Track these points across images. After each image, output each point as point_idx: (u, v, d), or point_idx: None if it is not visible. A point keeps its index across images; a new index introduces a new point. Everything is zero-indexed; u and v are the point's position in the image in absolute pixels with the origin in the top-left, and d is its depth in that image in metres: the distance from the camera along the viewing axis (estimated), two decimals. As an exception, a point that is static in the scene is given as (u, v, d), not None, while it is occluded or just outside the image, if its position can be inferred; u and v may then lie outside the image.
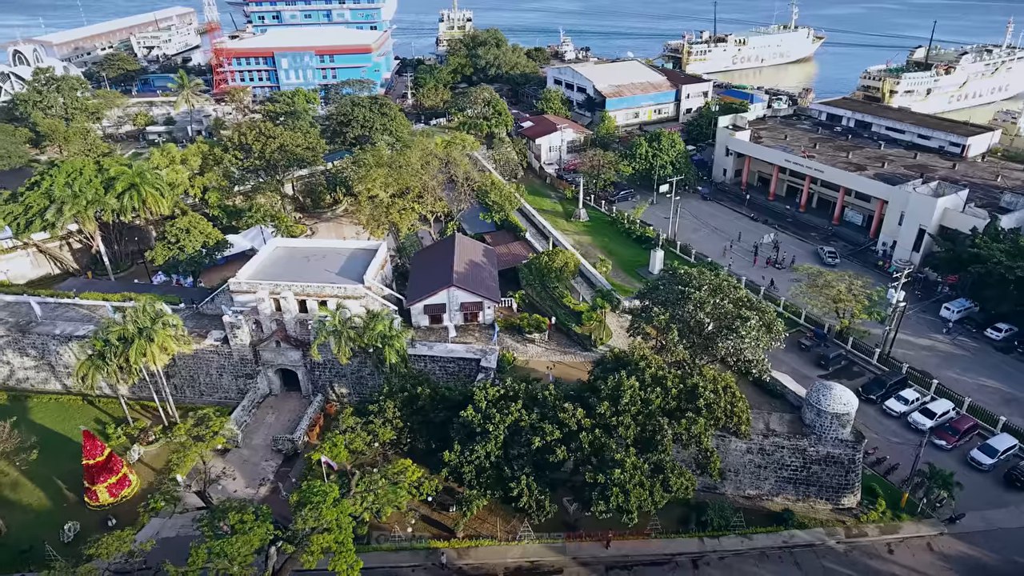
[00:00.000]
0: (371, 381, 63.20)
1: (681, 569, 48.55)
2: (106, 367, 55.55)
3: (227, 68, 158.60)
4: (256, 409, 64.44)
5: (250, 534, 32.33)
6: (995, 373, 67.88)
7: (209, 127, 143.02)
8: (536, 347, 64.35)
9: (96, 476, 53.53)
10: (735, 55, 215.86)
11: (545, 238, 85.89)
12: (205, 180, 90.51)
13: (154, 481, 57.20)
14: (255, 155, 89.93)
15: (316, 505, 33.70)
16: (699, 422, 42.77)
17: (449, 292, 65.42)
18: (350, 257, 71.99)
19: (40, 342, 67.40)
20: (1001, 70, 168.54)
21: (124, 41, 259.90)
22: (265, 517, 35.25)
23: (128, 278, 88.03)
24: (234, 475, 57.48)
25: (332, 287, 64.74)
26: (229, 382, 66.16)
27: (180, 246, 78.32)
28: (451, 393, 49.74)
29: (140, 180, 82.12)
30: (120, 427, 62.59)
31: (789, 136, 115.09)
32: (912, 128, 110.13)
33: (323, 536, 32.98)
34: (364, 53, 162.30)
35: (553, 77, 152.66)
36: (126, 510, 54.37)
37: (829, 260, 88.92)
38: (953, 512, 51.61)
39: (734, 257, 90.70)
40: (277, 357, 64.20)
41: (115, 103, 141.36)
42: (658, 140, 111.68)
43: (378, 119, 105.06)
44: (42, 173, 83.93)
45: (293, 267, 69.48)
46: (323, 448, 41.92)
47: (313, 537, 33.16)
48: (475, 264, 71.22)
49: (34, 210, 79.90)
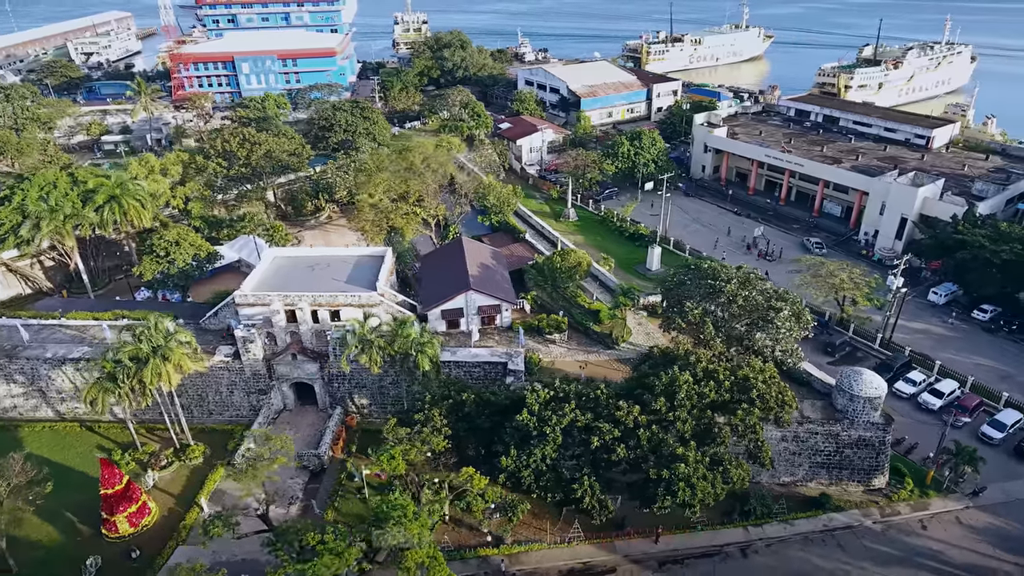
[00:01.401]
0: (392, 391, 61.71)
1: (732, 559, 49.08)
2: (117, 390, 52.42)
3: (184, 73, 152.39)
4: (271, 425, 61.89)
5: (342, 555, 30.82)
6: (987, 352, 71.28)
7: (169, 135, 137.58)
8: (558, 347, 64.08)
9: (115, 506, 50.42)
10: (691, 54, 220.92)
11: (545, 239, 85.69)
12: (187, 190, 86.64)
13: (174, 507, 54.35)
14: (240, 162, 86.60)
15: (399, 520, 32.46)
16: (754, 413, 43.33)
17: (467, 296, 64.50)
18: (356, 265, 70.20)
19: (29, 367, 63.16)
20: (943, 65, 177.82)
21: (60, 47, 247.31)
22: (343, 536, 33.74)
23: (108, 295, 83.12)
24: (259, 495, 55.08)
25: (345, 296, 62.97)
26: (241, 399, 63.45)
27: (170, 259, 74.68)
28: (496, 397, 48.92)
29: (121, 191, 77.91)
30: (127, 452, 59.17)
31: (763, 132, 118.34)
32: (879, 122, 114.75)
33: (417, 552, 31.80)
34: (328, 57, 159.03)
35: (524, 78, 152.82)
36: (146, 540, 51.48)
37: (816, 250, 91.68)
38: (975, 486, 53.89)
39: (726, 251, 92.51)
40: (293, 370, 61.92)
41: (66, 112, 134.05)
42: (639, 139, 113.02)
43: (361, 123, 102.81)
44: (11, 187, 78.78)
45: (298, 277, 67.34)
46: (381, 461, 40.50)
47: (408, 553, 31.92)
48: (487, 267, 70.49)
49: (6, 226, 74.82)
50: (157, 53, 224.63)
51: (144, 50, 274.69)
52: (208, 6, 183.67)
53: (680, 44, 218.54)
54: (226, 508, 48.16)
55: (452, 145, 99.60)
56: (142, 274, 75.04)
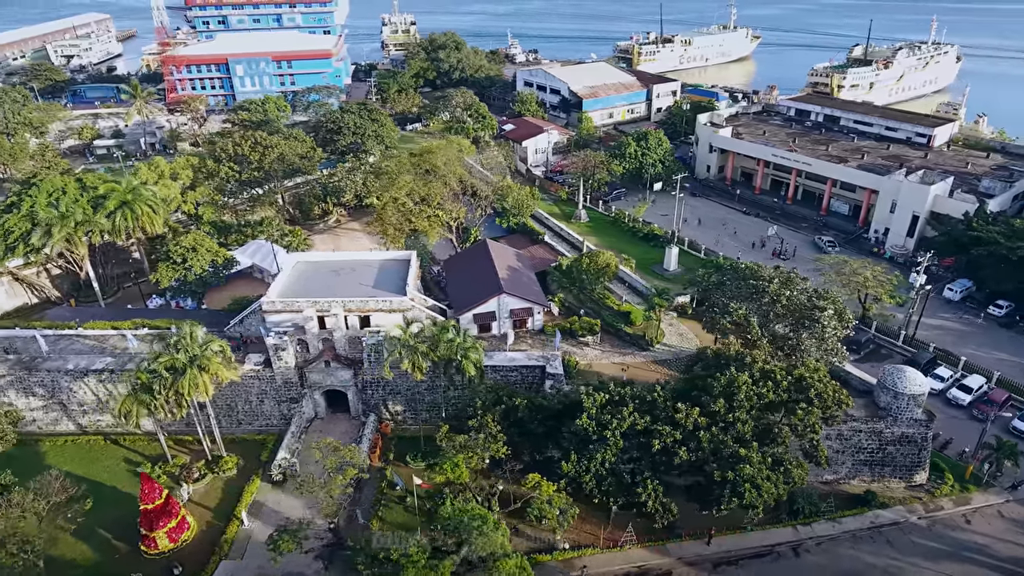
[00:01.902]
0: (428, 397, 60.85)
1: (784, 559, 49.09)
2: (153, 401, 50.93)
3: (177, 76, 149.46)
4: (304, 434, 60.71)
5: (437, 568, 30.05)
6: (1007, 347, 72.43)
7: (163, 139, 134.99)
8: (592, 350, 63.75)
9: (155, 521, 48.89)
10: (682, 55, 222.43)
11: (564, 240, 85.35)
12: (197, 195, 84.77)
13: (211, 521, 52.96)
14: (252, 166, 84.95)
15: (480, 530, 31.80)
16: (814, 412, 43.38)
17: (500, 300, 63.92)
18: (381, 269, 69.24)
19: (50, 379, 61.16)
20: (931, 64, 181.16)
21: (38, 50, 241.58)
22: (423, 549, 32.95)
23: (119, 304, 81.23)
24: (297, 506, 53.93)
25: (376, 301, 62.03)
26: (271, 408, 62.09)
27: (187, 266, 72.97)
28: (548, 402, 48.39)
29: (132, 197, 76.02)
30: (157, 466, 57.49)
31: (767, 132, 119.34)
32: (880, 121, 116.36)
33: (507, 562, 31.17)
34: (324, 58, 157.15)
35: (523, 79, 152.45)
36: (185, 556, 50.06)
37: (828, 248, 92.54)
38: (1014, 479, 54.62)
39: (741, 250, 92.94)
40: (326, 378, 60.75)
41: (56, 116, 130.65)
42: (645, 139, 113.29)
43: (369, 126, 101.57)
44: (18, 194, 76.55)
45: (324, 282, 66.20)
46: (445, 469, 39.75)
47: (499, 564, 31.28)
48: (515, 269, 69.95)
49: (16, 234, 72.65)
50: (141, 56, 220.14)
51: (125, 52, 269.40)
52: (198, 7, 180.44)
53: (671, 45, 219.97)
54: (291, 522, 47.11)
55: (463, 147, 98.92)
56: (158, 281, 73.22)
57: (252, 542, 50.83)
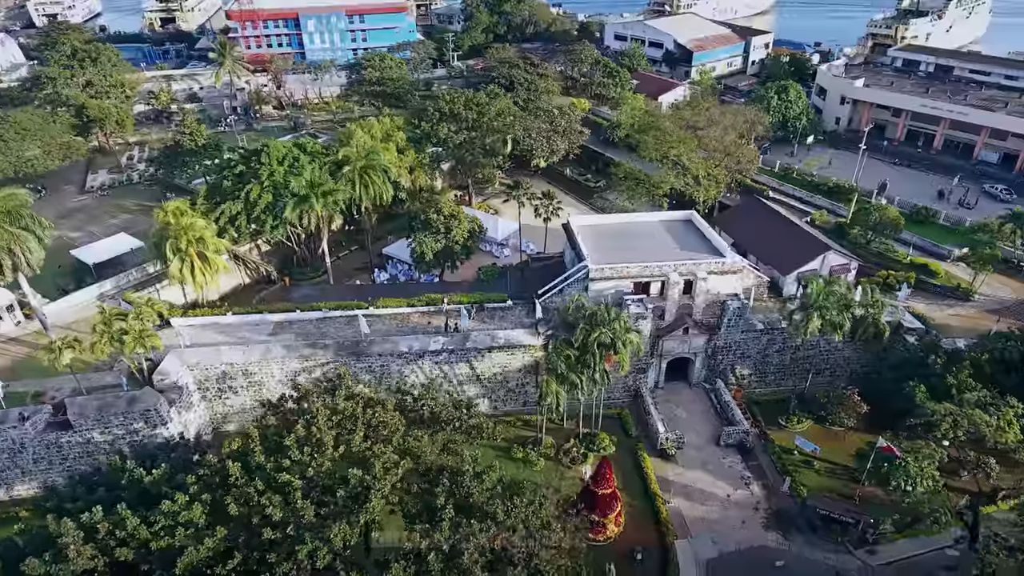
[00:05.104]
0: (776, 359, 59.39)
1: None
2: (579, 379, 47.36)
3: (251, 33, 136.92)
4: (655, 406, 58.17)
5: None
6: None
7: (246, 102, 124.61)
8: (915, 303, 63.33)
9: (606, 508, 46.03)
10: (715, 6, 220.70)
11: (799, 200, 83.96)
12: (412, 159, 78.30)
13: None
14: (467, 124, 78.84)
15: None
16: None
17: (824, 257, 62.55)
18: (669, 230, 66.30)
19: (378, 364, 55.93)
20: (972, 15, 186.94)
21: (13, 8, 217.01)
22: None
23: (338, 280, 74.80)
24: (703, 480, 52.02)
25: (707, 263, 59.32)
26: (615, 379, 58.97)
27: (452, 238, 67.60)
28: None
29: (367, 163, 69.39)
30: (532, 448, 53.83)
31: (894, 82, 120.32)
32: (998, 69, 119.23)
33: None
34: (398, 12, 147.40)
35: (615, 33, 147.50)
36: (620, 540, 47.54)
37: (1005, 197, 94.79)
38: None
39: (923, 202, 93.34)
40: (680, 346, 58.14)
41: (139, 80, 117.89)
42: (786, 91, 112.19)
43: (538, 80, 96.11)
44: (245, 160, 68.81)
45: (622, 246, 62.69)
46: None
47: None
48: (803, 226, 68.44)
49: (259, 207, 65.41)
50: (142, 15, 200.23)
51: (104, 10, 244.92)
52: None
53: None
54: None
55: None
56: (422, 253, 67.44)
57: (689, 518, 48.76)
